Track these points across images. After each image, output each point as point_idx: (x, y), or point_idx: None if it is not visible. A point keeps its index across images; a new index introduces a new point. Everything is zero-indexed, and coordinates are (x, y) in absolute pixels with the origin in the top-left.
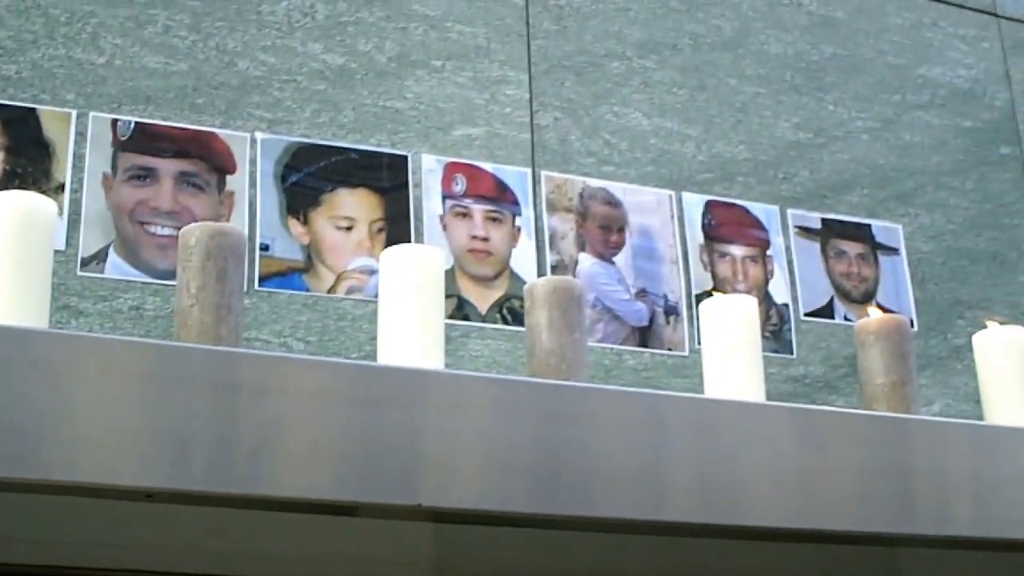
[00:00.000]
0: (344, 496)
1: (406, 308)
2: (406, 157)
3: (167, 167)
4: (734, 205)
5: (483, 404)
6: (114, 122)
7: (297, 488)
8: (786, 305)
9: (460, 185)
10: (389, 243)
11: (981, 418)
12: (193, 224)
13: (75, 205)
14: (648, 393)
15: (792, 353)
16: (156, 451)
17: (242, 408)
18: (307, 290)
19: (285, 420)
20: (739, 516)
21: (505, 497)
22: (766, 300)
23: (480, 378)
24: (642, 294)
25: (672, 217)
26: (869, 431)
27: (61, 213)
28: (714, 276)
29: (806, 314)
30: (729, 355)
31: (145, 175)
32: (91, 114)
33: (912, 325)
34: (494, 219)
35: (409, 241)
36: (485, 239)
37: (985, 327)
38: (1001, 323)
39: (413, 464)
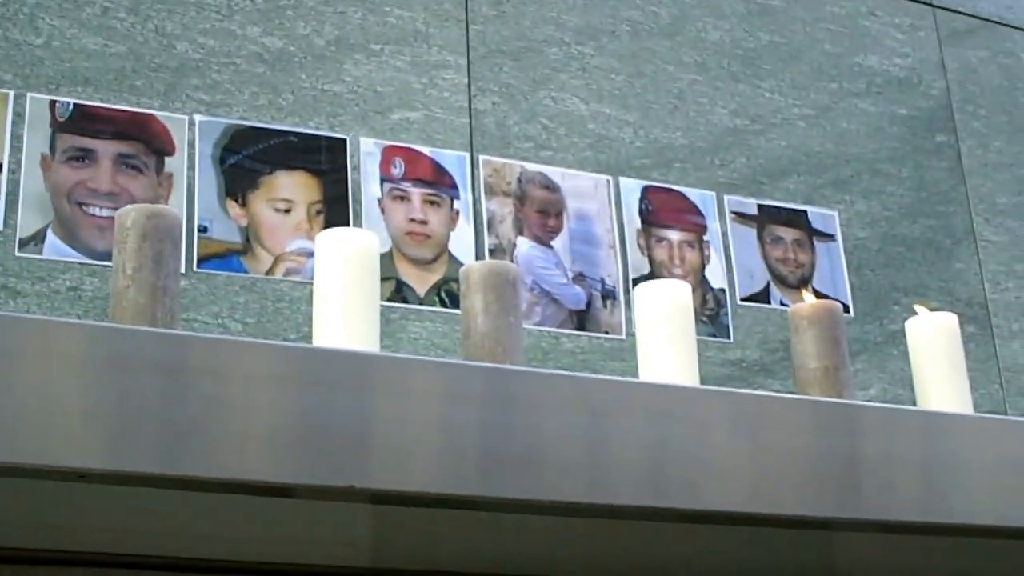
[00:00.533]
0: (279, 478)
1: (341, 291)
2: (344, 140)
3: (105, 148)
4: (671, 190)
5: (428, 388)
6: (52, 103)
7: (233, 469)
8: (723, 290)
9: (398, 168)
10: (327, 226)
11: (915, 402)
12: (129, 206)
13: (13, 186)
14: (598, 379)
15: (729, 337)
16: (90, 432)
17: (180, 389)
18: (245, 272)
19: (221, 401)
20: (688, 500)
21: (450, 480)
22: (703, 285)
23: (424, 361)
24: (580, 278)
25: (609, 202)
26: (817, 417)
27: None
28: (651, 261)
29: (743, 299)
30: (663, 339)
31: (83, 156)
32: (29, 95)
33: (848, 311)
34: (432, 202)
35: (347, 224)
36: (423, 222)
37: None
38: (931, 309)
39: (352, 446)
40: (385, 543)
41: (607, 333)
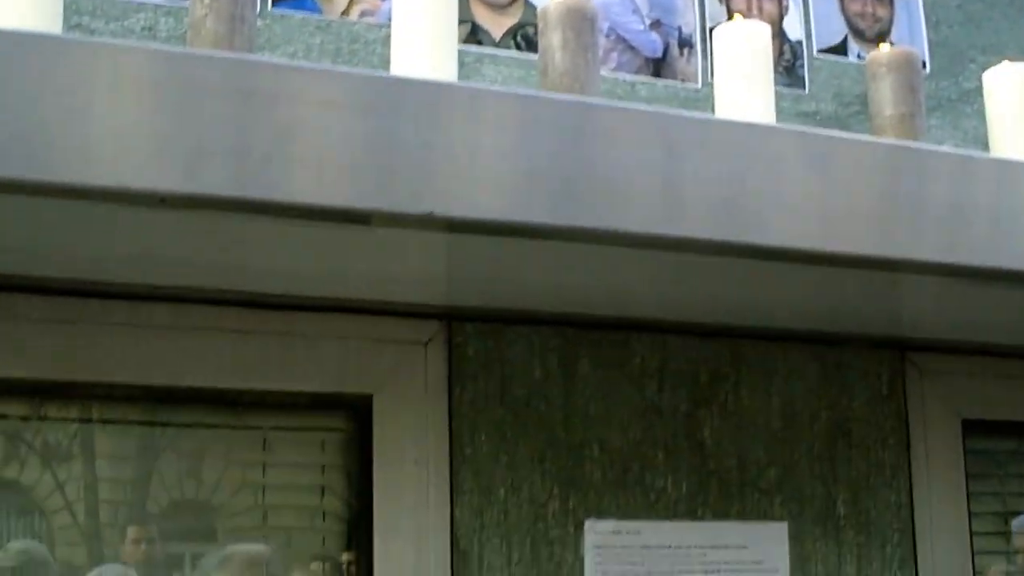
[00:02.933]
0: (357, 203)
1: (419, 24)
2: None
3: None
4: None
5: (505, 117)
6: None
7: (310, 194)
8: (799, 42)
9: None
10: None
11: None
12: None
13: None
14: (676, 114)
15: (804, 89)
16: (169, 156)
17: (256, 115)
18: (320, 13)
19: (299, 128)
20: (753, 235)
21: (522, 209)
22: (780, 36)
23: (501, 92)
24: (657, 25)
25: None
26: (889, 159)
27: None
28: (728, 10)
29: (819, 51)
30: (741, 79)
31: None
32: None
33: (924, 67)
34: None
35: None
36: None
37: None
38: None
39: (428, 175)
40: (458, 275)
41: (683, 81)
